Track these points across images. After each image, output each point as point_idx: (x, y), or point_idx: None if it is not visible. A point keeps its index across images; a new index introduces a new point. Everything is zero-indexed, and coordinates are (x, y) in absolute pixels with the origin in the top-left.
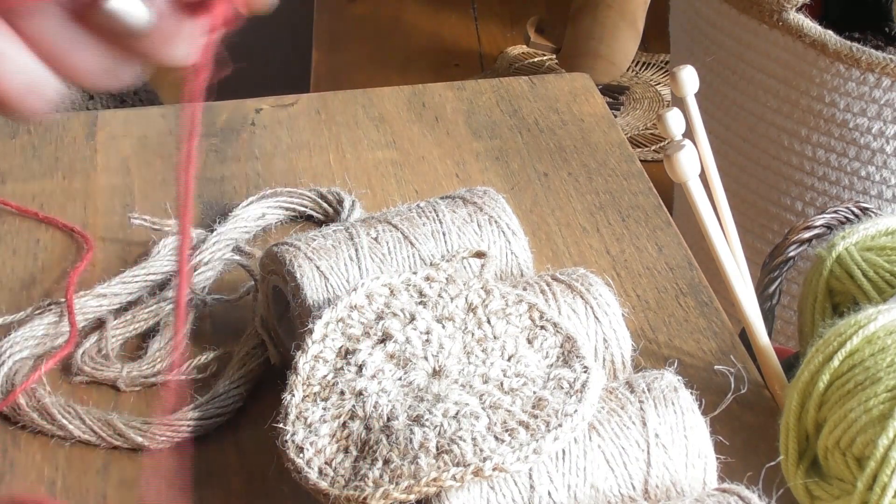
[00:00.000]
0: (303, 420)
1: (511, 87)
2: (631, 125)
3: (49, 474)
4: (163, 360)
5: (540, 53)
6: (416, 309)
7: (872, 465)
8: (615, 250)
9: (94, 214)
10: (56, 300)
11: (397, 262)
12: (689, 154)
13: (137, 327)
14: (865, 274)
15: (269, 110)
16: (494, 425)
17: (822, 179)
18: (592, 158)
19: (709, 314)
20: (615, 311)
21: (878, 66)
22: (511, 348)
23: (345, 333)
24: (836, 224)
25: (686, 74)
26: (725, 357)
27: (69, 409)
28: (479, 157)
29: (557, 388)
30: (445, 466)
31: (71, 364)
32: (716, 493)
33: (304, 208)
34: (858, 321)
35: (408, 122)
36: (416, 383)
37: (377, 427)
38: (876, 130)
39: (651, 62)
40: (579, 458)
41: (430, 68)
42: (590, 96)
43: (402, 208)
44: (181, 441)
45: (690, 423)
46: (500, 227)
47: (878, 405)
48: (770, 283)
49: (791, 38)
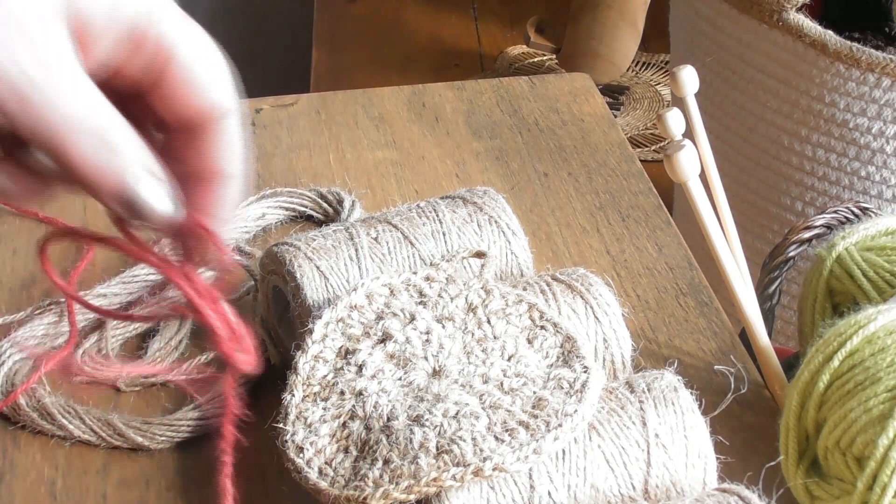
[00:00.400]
0: (303, 420)
1: (511, 87)
2: (631, 125)
3: (49, 474)
4: (163, 360)
5: (540, 53)
6: (416, 309)
7: (872, 465)
8: (615, 250)
9: (94, 214)
10: (56, 300)
11: (397, 262)
12: (689, 154)
13: (137, 327)
14: (865, 274)
15: (269, 110)
16: (494, 425)
17: (822, 179)
18: (592, 158)
19: (709, 314)
20: (615, 311)
21: (878, 66)
22: (511, 348)
23: (345, 333)
24: (836, 224)
25: (686, 74)
26: (725, 357)
27: (69, 409)
28: (479, 157)
29: (557, 388)
30: (445, 466)
31: (71, 364)
32: (716, 493)
33: (304, 208)
34: (858, 321)
35: (408, 122)
36: (416, 383)
37: (377, 427)
38: (876, 130)
39: (651, 62)
40: (579, 458)
41: (430, 68)
42: (590, 96)
43: (402, 208)
44: (181, 441)
45: (690, 423)
46: (500, 227)
47: (878, 405)
48: (770, 283)
49: (791, 38)
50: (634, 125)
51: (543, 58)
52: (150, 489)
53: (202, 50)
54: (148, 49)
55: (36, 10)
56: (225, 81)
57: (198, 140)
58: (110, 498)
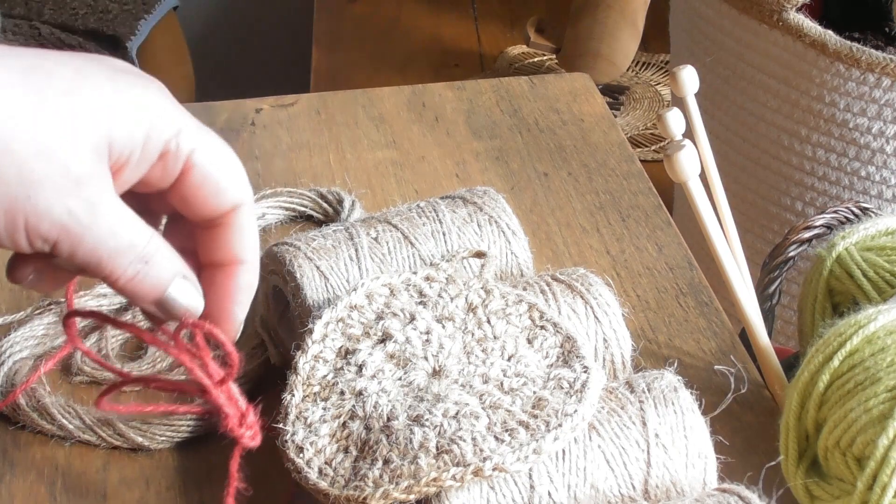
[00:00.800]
0: (303, 420)
1: (511, 87)
2: (631, 125)
3: (49, 474)
4: (163, 360)
5: (540, 53)
6: (416, 309)
7: (872, 465)
8: (615, 250)
9: None
10: (56, 300)
11: (397, 262)
12: (689, 154)
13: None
14: (865, 274)
15: (269, 110)
16: (494, 425)
17: (822, 179)
18: (592, 158)
19: (709, 314)
20: (615, 311)
21: (878, 66)
22: (511, 348)
23: (345, 333)
24: (836, 224)
25: (686, 74)
26: (725, 357)
27: (69, 409)
28: (479, 157)
29: (557, 388)
30: (445, 466)
31: (71, 364)
32: (716, 493)
33: (304, 208)
34: (858, 321)
35: (408, 122)
36: (416, 383)
37: (377, 427)
38: (876, 130)
39: (651, 62)
40: (579, 458)
41: (430, 68)
42: (590, 96)
43: (402, 208)
44: (181, 441)
45: (690, 423)
46: (500, 227)
47: (878, 405)
48: (770, 283)
49: (791, 38)
50: (634, 125)
51: (543, 58)
52: (150, 489)
53: (217, 154)
54: (172, 162)
55: (84, 157)
56: (239, 178)
57: (216, 231)
58: (110, 498)
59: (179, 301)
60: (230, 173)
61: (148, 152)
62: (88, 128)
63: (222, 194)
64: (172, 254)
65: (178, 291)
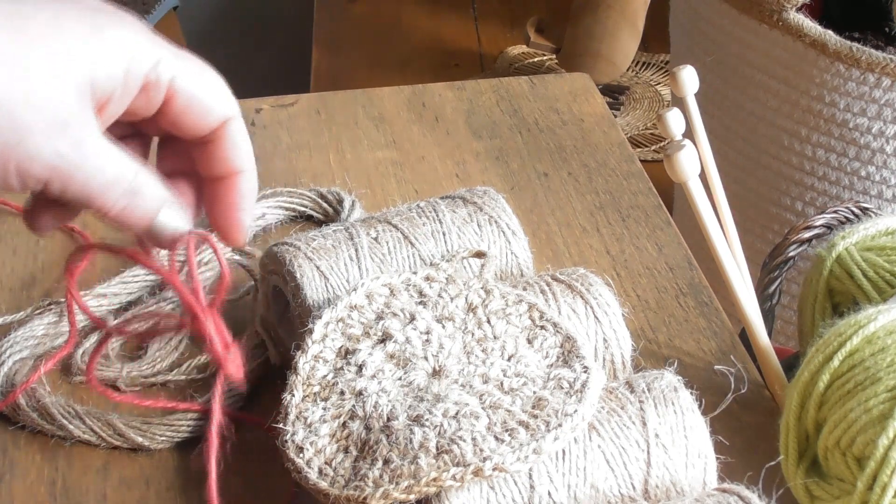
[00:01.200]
0: (303, 420)
1: (511, 87)
2: (631, 125)
3: (49, 474)
4: (163, 360)
5: (540, 53)
6: (416, 309)
7: (872, 465)
8: (615, 250)
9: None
10: (56, 300)
11: (397, 262)
12: (689, 154)
13: (137, 327)
14: (865, 274)
15: (269, 110)
16: (494, 425)
17: (822, 179)
18: (592, 158)
19: (709, 314)
20: (615, 311)
21: (878, 66)
22: (511, 348)
23: (345, 333)
24: (836, 224)
25: (686, 74)
26: (725, 357)
27: (69, 409)
28: (479, 157)
29: (557, 388)
30: (445, 466)
31: (71, 364)
32: (716, 493)
33: (303, 208)
34: (858, 321)
35: (408, 122)
36: (416, 383)
37: (377, 427)
38: (876, 130)
39: (651, 62)
40: (579, 458)
41: (429, 68)
42: (590, 96)
43: (402, 208)
44: (181, 441)
45: (690, 423)
46: (500, 227)
47: (878, 405)
48: (770, 283)
49: (791, 38)
50: (634, 125)
51: (543, 58)
52: (150, 489)
53: (198, 77)
54: (154, 92)
55: (68, 100)
56: (222, 94)
57: (211, 146)
58: (110, 498)
59: (168, 226)
60: (213, 92)
61: (129, 87)
62: (71, 71)
63: (209, 113)
64: (158, 184)
65: (167, 218)
